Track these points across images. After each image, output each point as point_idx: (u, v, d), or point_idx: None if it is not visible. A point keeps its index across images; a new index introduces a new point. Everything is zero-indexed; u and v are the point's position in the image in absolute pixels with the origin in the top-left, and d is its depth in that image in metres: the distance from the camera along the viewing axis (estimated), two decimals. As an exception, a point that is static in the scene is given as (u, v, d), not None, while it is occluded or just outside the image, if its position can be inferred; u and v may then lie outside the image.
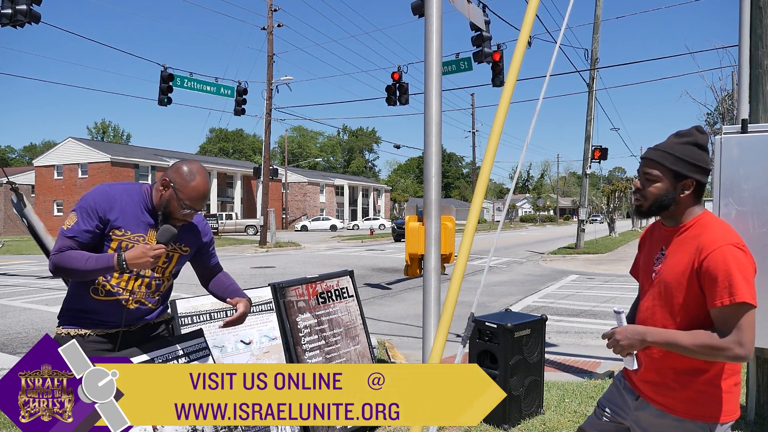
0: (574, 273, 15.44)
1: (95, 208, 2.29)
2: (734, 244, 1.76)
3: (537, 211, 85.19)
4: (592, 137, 21.41)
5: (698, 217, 1.89)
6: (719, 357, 1.75)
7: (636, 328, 1.89)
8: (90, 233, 2.28)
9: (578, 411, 4.24)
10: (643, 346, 1.88)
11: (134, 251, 2.21)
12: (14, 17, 9.04)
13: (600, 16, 21.05)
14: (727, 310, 1.73)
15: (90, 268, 2.22)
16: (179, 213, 2.35)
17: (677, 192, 1.87)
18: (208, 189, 2.41)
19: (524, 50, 2.56)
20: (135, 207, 2.38)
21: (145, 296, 2.46)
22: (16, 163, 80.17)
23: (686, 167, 1.86)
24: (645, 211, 1.94)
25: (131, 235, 2.35)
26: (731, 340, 1.71)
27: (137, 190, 2.43)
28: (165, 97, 16.24)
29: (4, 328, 8.09)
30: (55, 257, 2.26)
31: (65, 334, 2.39)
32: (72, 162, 45.20)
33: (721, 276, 1.72)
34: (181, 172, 2.33)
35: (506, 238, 34.99)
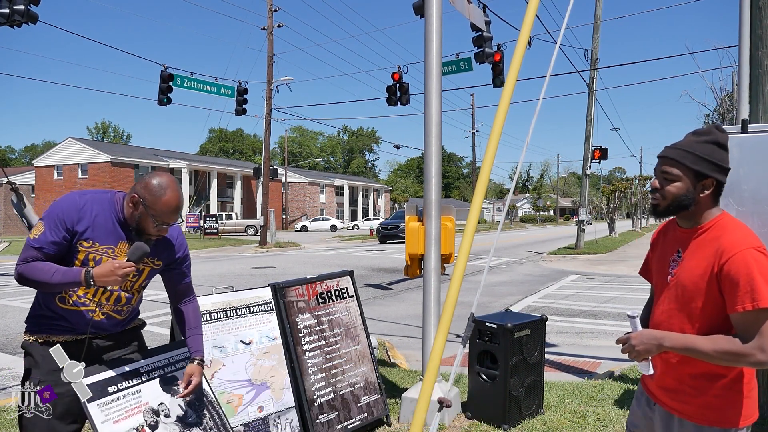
0: (574, 273, 15.44)
1: (63, 219, 2.21)
2: (756, 248, 1.71)
3: (537, 212, 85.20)
4: (592, 137, 21.42)
5: (717, 218, 1.83)
6: (740, 363, 1.71)
7: (652, 333, 1.84)
8: (57, 245, 2.21)
9: (578, 411, 4.24)
10: (660, 351, 1.82)
11: (102, 268, 2.14)
12: (11, 17, 9.02)
13: (600, 16, 21.05)
14: (749, 316, 1.68)
15: (56, 281, 2.16)
16: (153, 229, 2.26)
17: (697, 192, 1.81)
18: (180, 201, 2.29)
19: (524, 50, 2.56)
20: (105, 218, 2.29)
21: (113, 309, 2.40)
22: (17, 163, 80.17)
23: (707, 166, 1.80)
24: (662, 210, 1.88)
25: (99, 247, 2.28)
26: (753, 346, 1.67)
27: (109, 199, 2.33)
28: (165, 97, 16.23)
29: (4, 329, 8.09)
30: (20, 267, 2.19)
31: (32, 341, 2.35)
32: (72, 162, 45.21)
33: (743, 280, 1.67)
34: (150, 187, 2.22)
35: (506, 238, 34.99)
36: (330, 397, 3.67)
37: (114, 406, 2.35)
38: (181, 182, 47.76)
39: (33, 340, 2.35)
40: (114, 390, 2.37)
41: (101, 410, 2.30)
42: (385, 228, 29.64)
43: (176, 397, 2.53)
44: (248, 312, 3.53)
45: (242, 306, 3.52)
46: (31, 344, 2.35)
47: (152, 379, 2.54)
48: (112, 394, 2.36)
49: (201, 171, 50.29)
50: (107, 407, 2.33)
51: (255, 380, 3.39)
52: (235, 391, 3.28)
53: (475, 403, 4.20)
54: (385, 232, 29.29)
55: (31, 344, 2.35)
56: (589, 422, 4.03)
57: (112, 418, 2.32)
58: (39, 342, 2.34)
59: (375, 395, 3.96)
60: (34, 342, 2.34)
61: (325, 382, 3.68)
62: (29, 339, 2.36)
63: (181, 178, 48.03)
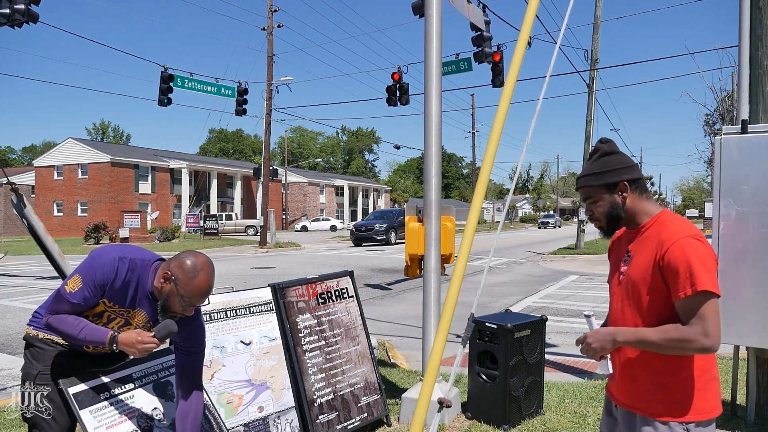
0: (574, 273, 15.44)
1: (104, 282, 2.24)
2: (692, 236, 1.79)
3: (537, 212, 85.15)
4: (592, 138, 21.41)
5: (657, 215, 1.92)
6: (687, 350, 1.75)
7: (606, 330, 1.91)
8: (89, 300, 2.26)
9: (578, 411, 4.24)
10: (614, 346, 1.88)
11: (127, 337, 2.20)
12: (12, 17, 9.02)
13: (600, 16, 21.05)
14: (689, 301, 1.74)
15: (82, 337, 2.22)
16: (178, 308, 2.25)
17: (619, 200, 1.93)
18: (211, 284, 2.28)
19: (524, 51, 2.56)
20: (132, 284, 2.31)
21: (110, 348, 2.40)
22: (16, 163, 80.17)
23: (610, 176, 1.93)
24: (606, 229, 2.01)
25: (118, 309, 2.33)
26: (696, 331, 1.72)
27: (143, 268, 2.31)
28: (165, 97, 16.23)
29: (4, 329, 8.09)
30: (52, 318, 2.25)
31: (34, 335, 2.41)
32: (72, 162, 45.21)
33: (682, 267, 1.74)
34: (184, 267, 2.20)
35: (506, 238, 34.98)
36: (330, 397, 3.66)
37: (107, 412, 2.36)
38: (181, 182, 47.80)
39: (36, 334, 2.42)
40: (106, 396, 2.38)
41: (93, 416, 2.31)
42: (359, 230, 26.86)
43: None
44: (248, 312, 3.53)
45: (242, 306, 3.52)
46: (33, 337, 2.42)
47: (146, 384, 2.55)
48: (104, 401, 2.36)
49: (201, 171, 50.28)
50: (100, 413, 2.33)
51: (255, 380, 3.39)
52: (235, 391, 3.27)
53: (475, 403, 4.20)
54: (360, 234, 26.55)
55: (33, 337, 2.42)
56: (589, 422, 4.03)
57: (105, 423, 2.33)
58: (41, 337, 2.41)
59: (375, 395, 3.96)
60: (35, 335, 2.41)
61: (325, 382, 3.67)
62: (32, 333, 2.43)
63: (181, 178, 48.04)
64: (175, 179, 48.56)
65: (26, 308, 9.66)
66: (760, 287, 3.71)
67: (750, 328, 3.75)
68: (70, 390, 2.28)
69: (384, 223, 26.65)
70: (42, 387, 2.33)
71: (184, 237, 32.75)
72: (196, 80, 17.47)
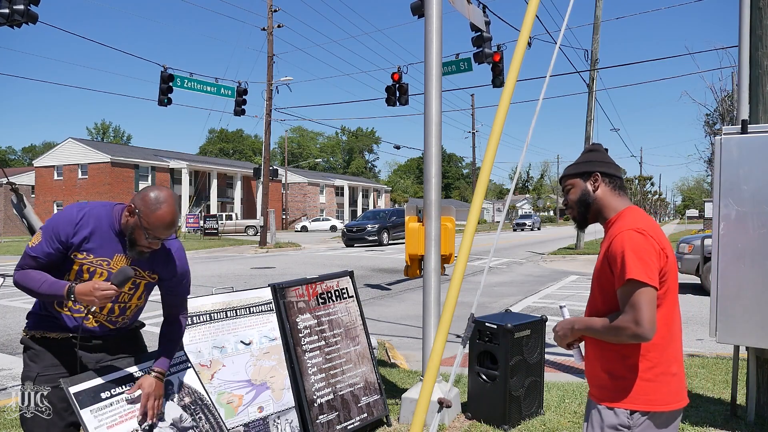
0: (574, 273, 15.44)
1: (58, 232, 2.27)
2: (634, 229, 1.87)
3: (537, 212, 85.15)
4: (592, 138, 21.42)
5: (621, 212, 2.02)
6: (622, 337, 1.83)
7: (568, 319, 2.05)
8: (50, 255, 2.28)
9: (578, 411, 4.24)
10: (574, 335, 2.01)
11: (84, 287, 2.19)
12: (11, 17, 9.01)
13: (600, 16, 21.06)
14: (622, 290, 1.82)
15: (43, 291, 2.24)
16: (143, 241, 2.27)
17: (591, 188, 2.06)
18: (174, 218, 2.29)
19: (524, 51, 2.56)
20: (103, 231, 2.33)
21: (106, 319, 2.44)
22: (16, 163, 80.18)
23: (586, 166, 2.09)
24: (576, 217, 2.13)
25: (94, 259, 2.32)
26: (627, 319, 1.79)
27: (108, 212, 2.37)
28: (165, 97, 16.24)
29: (4, 329, 8.09)
30: (17, 274, 2.28)
31: (29, 336, 2.43)
32: (72, 163, 45.22)
33: (618, 258, 1.84)
34: (147, 199, 2.24)
35: (506, 238, 34.98)
36: (330, 397, 3.66)
37: (107, 412, 2.35)
38: (181, 182, 47.80)
39: (31, 335, 2.43)
40: (107, 396, 2.37)
41: (94, 416, 2.30)
42: (351, 230, 26.22)
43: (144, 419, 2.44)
44: (248, 312, 3.53)
45: (242, 306, 3.52)
46: (29, 339, 2.43)
47: None
48: (105, 400, 2.36)
49: (201, 171, 50.29)
50: (101, 413, 2.33)
51: (255, 380, 3.39)
52: (235, 391, 3.27)
53: (475, 403, 4.20)
54: (351, 234, 25.91)
55: (29, 339, 2.43)
56: (589, 423, 4.02)
57: (106, 423, 2.32)
58: (36, 337, 2.41)
59: (375, 395, 3.96)
60: (31, 337, 2.42)
61: (325, 382, 3.67)
62: (27, 334, 2.44)
63: (181, 178, 48.04)
64: (175, 179, 48.56)
65: (26, 308, 9.65)
66: (760, 287, 3.71)
67: (750, 328, 3.75)
68: (71, 389, 2.28)
69: (376, 224, 26.17)
70: (42, 388, 2.34)
71: (185, 237, 32.73)
72: (196, 80, 17.48)
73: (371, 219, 27.92)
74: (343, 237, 27.10)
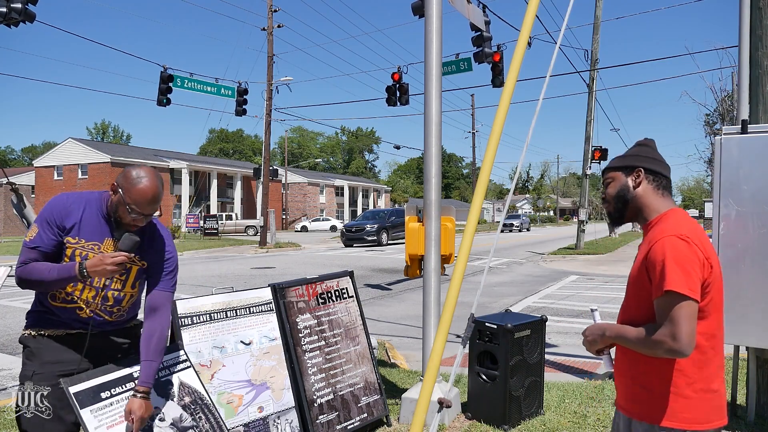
0: (574, 274, 15.44)
1: (52, 217, 2.30)
2: (677, 235, 1.72)
3: (537, 212, 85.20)
4: (592, 138, 21.43)
5: (662, 214, 1.88)
6: (657, 351, 1.70)
7: (599, 325, 1.93)
8: (52, 241, 2.30)
9: (578, 411, 4.24)
10: (604, 341, 1.89)
11: (93, 259, 2.23)
12: (9, 15, 8.99)
13: (600, 16, 21.07)
14: (660, 301, 1.69)
15: (53, 278, 2.24)
16: (127, 218, 2.29)
17: (631, 184, 1.93)
18: (157, 193, 2.29)
19: (524, 51, 2.56)
20: (91, 215, 2.36)
21: (101, 308, 2.43)
22: (16, 163, 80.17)
23: (631, 159, 1.96)
24: (612, 212, 2.00)
25: (85, 243, 2.34)
26: (664, 333, 1.66)
27: (96, 198, 2.40)
28: (164, 97, 16.23)
29: (4, 329, 8.10)
30: (19, 270, 2.28)
31: (28, 335, 2.44)
32: (72, 162, 45.21)
33: (658, 266, 1.70)
34: (129, 176, 2.27)
35: (506, 238, 34.98)
36: (330, 397, 3.66)
37: (107, 412, 2.35)
38: (181, 182, 47.80)
39: (29, 333, 2.44)
40: (107, 396, 2.37)
41: (94, 416, 2.30)
42: (350, 230, 26.22)
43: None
44: (248, 312, 3.53)
45: (242, 306, 3.52)
46: (27, 337, 2.44)
47: None
48: (105, 400, 2.36)
49: (201, 171, 50.28)
50: (100, 413, 2.33)
51: (255, 380, 3.39)
52: (235, 391, 3.27)
53: (475, 403, 4.20)
54: (350, 234, 25.90)
55: (27, 337, 2.44)
56: (589, 422, 4.03)
57: (106, 423, 2.32)
58: (33, 335, 2.42)
59: (375, 396, 3.96)
60: (29, 335, 2.43)
61: (325, 382, 3.67)
62: (26, 333, 2.45)
63: (181, 178, 48.03)
64: (175, 179, 48.56)
65: (26, 308, 9.65)
66: (760, 287, 3.71)
67: (750, 328, 3.75)
68: (70, 389, 2.28)
69: (375, 224, 26.18)
70: (42, 387, 2.33)
71: (184, 237, 32.74)
72: (196, 80, 17.48)
73: (370, 219, 27.89)
74: (342, 237, 27.14)
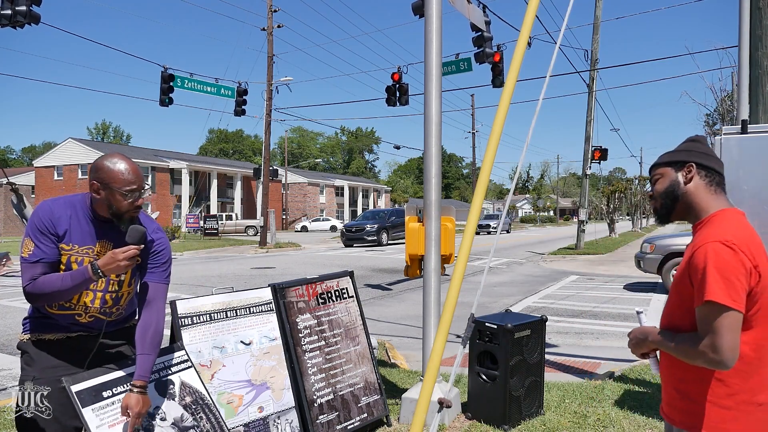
0: (574, 274, 15.44)
1: (44, 227, 2.25)
2: (722, 241, 1.64)
3: (537, 212, 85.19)
4: (592, 138, 21.43)
5: (711, 215, 1.79)
6: (698, 361, 1.65)
7: (643, 328, 1.88)
8: (51, 249, 2.26)
9: (578, 411, 4.24)
10: (647, 346, 1.86)
11: (105, 258, 2.21)
12: (14, 18, 9.02)
13: (600, 16, 21.06)
14: (701, 311, 1.63)
15: (68, 286, 2.21)
16: (126, 204, 2.25)
17: (683, 180, 1.84)
18: (135, 166, 2.28)
19: (524, 51, 2.56)
20: (79, 219, 2.32)
21: (100, 311, 2.42)
22: (16, 163, 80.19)
23: (681, 155, 1.87)
24: (659, 209, 1.90)
25: (79, 249, 2.31)
26: (705, 344, 1.61)
27: (80, 200, 2.36)
28: (166, 97, 16.24)
29: (4, 329, 8.10)
30: (29, 287, 2.23)
31: (26, 340, 2.42)
32: (72, 163, 45.22)
33: (700, 274, 1.63)
34: (103, 167, 2.23)
35: (506, 238, 34.98)
36: (330, 397, 3.67)
37: (109, 411, 2.35)
38: (181, 183, 47.81)
39: (27, 339, 2.43)
40: (109, 395, 2.37)
41: (96, 415, 2.31)
42: (350, 230, 26.26)
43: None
44: (248, 312, 3.53)
45: (242, 306, 3.52)
46: (25, 343, 2.43)
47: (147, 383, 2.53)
48: (106, 399, 2.36)
49: (201, 171, 50.29)
50: (102, 412, 2.33)
51: (255, 381, 3.39)
52: (235, 391, 3.28)
53: (475, 403, 4.20)
54: (350, 234, 25.97)
55: (25, 343, 2.43)
56: (590, 423, 4.03)
57: (107, 422, 2.33)
58: (33, 341, 2.41)
59: (375, 396, 3.96)
60: (28, 341, 2.42)
61: (325, 382, 3.67)
62: (24, 338, 2.44)
63: (181, 178, 48.04)
64: (175, 179, 48.56)
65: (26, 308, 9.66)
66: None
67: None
68: (72, 388, 2.28)
69: (375, 224, 26.22)
70: (42, 388, 2.33)
71: (185, 237, 32.74)
72: (196, 80, 17.49)
73: (370, 219, 27.89)
74: (342, 237, 27.12)
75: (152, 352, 2.37)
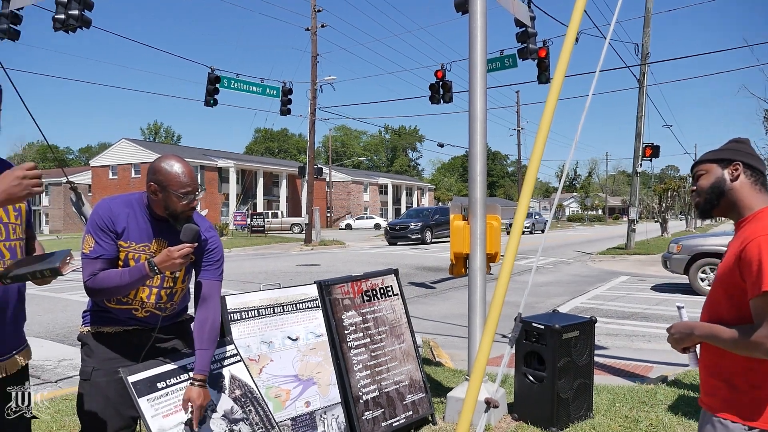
0: (624, 274, 15.01)
1: (104, 223, 2.34)
2: None
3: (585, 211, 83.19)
4: (643, 134, 20.76)
5: (757, 211, 1.82)
6: (755, 353, 1.67)
7: (687, 323, 1.91)
8: (111, 246, 2.35)
9: (629, 416, 4.13)
10: (692, 340, 1.88)
11: (160, 255, 2.28)
12: (66, 22, 9.38)
13: (651, 9, 20.38)
14: (757, 302, 1.65)
15: (126, 281, 2.30)
16: (182, 206, 2.32)
17: (729, 177, 1.88)
18: (191, 167, 2.37)
19: (572, 46, 2.51)
20: (137, 217, 2.40)
21: (156, 306, 2.50)
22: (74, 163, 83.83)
23: (728, 153, 1.91)
24: (702, 204, 1.94)
25: (136, 246, 2.39)
26: (762, 335, 1.63)
27: (137, 199, 2.44)
28: (211, 98, 16.64)
29: (65, 321, 8.46)
30: (90, 282, 2.33)
31: (86, 332, 2.52)
32: (126, 162, 47.00)
33: (754, 266, 1.66)
34: (160, 170, 2.31)
35: (553, 237, 34.32)
36: (375, 394, 3.69)
37: (163, 401, 2.43)
38: (229, 181, 48.94)
39: (87, 331, 2.53)
40: (163, 386, 2.46)
41: (151, 405, 2.39)
42: (394, 228, 26.53)
43: (188, 421, 2.43)
44: (295, 309, 3.59)
45: (289, 303, 3.58)
46: (85, 335, 2.53)
47: None
48: (161, 390, 2.44)
49: (248, 170, 51.37)
50: (157, 402, 2.41)
51: (302, 376, 3.44)
52: (282, 386, 3.34)
53: (521, 404, 4.15)
54: (394, 232, 26.26)
55: (85, 335, 2.53)
56: (641, 428, 3.91)
57: (162, 412, 2.41)
58: (92, 333, 2.51)
59: (420, 393, 3.96)
60: (87, 333, 2.52)
61: (371, 379, 3.70)
62: (84, 330, 2.55)
63: (229, 177, 49.18)
64: (222, 178, 49.78)
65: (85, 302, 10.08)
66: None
67: None
68: (129, 378, 2.38)
69: (419, 222, 26.27)
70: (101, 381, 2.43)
71: (232, 234, 33.51)
72: (242, 81, 17.82)
73: (414, 217, 27.91)
74: (386, 235, 27.37)
75: (210, 347, 2.45)
